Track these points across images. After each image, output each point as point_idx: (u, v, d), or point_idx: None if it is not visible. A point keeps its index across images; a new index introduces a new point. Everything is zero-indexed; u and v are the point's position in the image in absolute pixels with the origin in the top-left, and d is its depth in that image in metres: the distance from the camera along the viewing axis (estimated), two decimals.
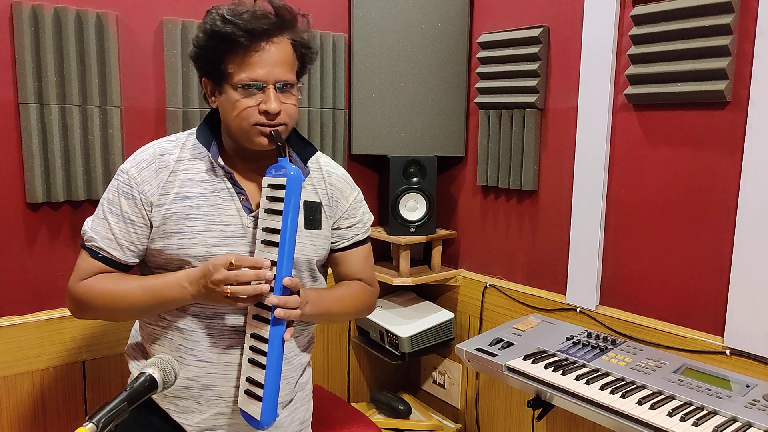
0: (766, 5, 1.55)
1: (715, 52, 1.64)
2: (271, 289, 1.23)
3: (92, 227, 1.31)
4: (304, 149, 1.42)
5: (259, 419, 1.25)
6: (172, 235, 1.29)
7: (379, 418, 2.45)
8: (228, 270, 1.19)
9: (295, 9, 1.30)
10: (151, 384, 1.01)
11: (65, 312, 1.82)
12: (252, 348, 1.28)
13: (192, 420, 1.36)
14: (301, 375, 1.49)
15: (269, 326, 1.24)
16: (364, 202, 1.54)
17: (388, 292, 2.60)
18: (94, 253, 1.31)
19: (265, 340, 1.25)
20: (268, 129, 1.26)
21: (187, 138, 1.37)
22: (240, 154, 1.36)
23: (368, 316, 2.41)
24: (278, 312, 1.21)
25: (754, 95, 1.59)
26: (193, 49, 1.29)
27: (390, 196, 2.34)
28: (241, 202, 1.33)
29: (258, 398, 1.25)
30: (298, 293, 1.26)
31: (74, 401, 1.88)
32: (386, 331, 2.35)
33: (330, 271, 1.56)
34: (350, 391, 2.61)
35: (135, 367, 1.42)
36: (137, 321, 1.46)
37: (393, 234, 2.37)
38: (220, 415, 1.36)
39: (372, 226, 1.57)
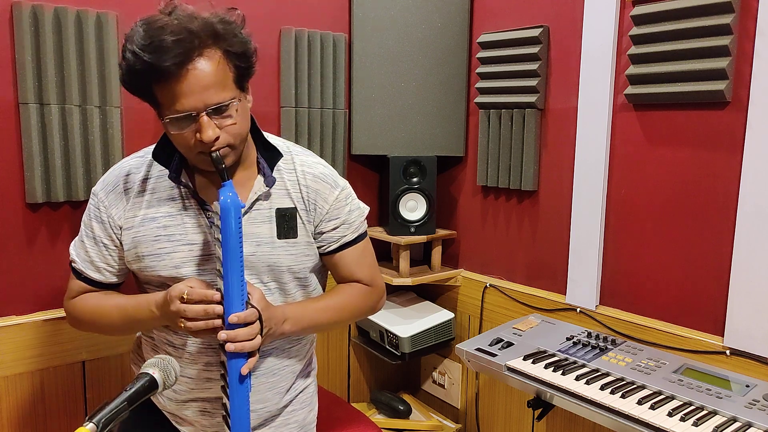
0: (766, 5, 1.55)
1: (715, 52, 1.64)
2: (224, 322, 1.16)
3: (74, 249, 1.34)
4: (270, 156, 1.32)
5: None
6: (143, 258, 1.28)
7: (379, 418, 2.45)
8: (182, 302, 1.15)
9: (220, 12, 1.16)
10: (151, 384, 1.01)
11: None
12: (222, 376, 1.24)
13: (187, 428, 1.39)
14: (294, 382, 1.45)
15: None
16: (352, 198, 1.42)
17: (388, 292, 2.57)
18: (78, 274, 1.34)
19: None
20: (208, 157, 1.17)
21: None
22: (200, 169, 1.29)
23: (368, 316, 2.42)
24: (228, 346, 1.14)
25: (754, 95, 1.59)
26: (120, 76, 1.17)
27: (390, 196, 2.34)
28: (207, 218, 1.28)
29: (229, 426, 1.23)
30: (260, 318, 1.19)
31: (74, 401, 1.88)
32: (386, 331, 2.35)
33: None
34: (350, 391, 2.61)
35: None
36: None
37: (393, 234, 2.37)
38: (207, 429, 1.37)
39: (372, 226, 1.52)
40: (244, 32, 1.19)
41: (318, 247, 1.39)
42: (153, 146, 1.31)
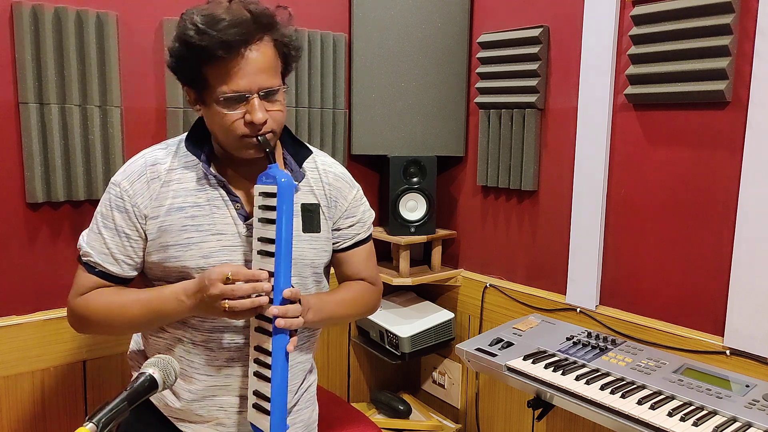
0: (766, 5, 1.55)
1: (715, 52, 1.64)
2: (271, 300, 1.20)
3: (87, 242, 1.29)
4: (298, 152, 1.38)
5: None
6: (168, 248, 1.26)
7: (379, 418, 2.45)
8: (224, 284, 1.16)
9: (271, 7, 1.23)
10: (151, 384, 1.01)
11: (65, 312, 1.81)
12: (256, 361, 1.26)
13: (192, 428, 1.37)
14: (304, 379, 1.47)
15: (271, 338, 1.22)
16: (365, 199, 1.50)
17: (388, 292, 2.60)
18: (91, 268, 1.29)
19: (268, 353, 1.23)
20: (254, 140, 1.21)
21: (178, 145, 1.33)
22: (231, 160, 1.32)
23: (369, 315, 2.42)
24: (279, 322, 1.18)
25: (754, 95, 1.59)
26: (170, 59, 1.22)
27: (390, 196, 2.34)
28: (236, 210, 1.29)
29: (266, 412, 1.24)
30: (299, 302, 1.23)
31: (74, 401, 1.88)
32: (386, 331, 2.35)
33: (332, 271, 1.54)
34: (350, 391, 2.61)
35: None
36: None
37: (393, 234, 2.37)
38: (220, 426, 1.36)
39: (372, 225, 1.55)
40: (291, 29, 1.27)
41: (333, 244, 1.44)
42: (175, 139, 1.35)
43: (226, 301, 1.16)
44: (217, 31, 1.12)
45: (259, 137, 1.21)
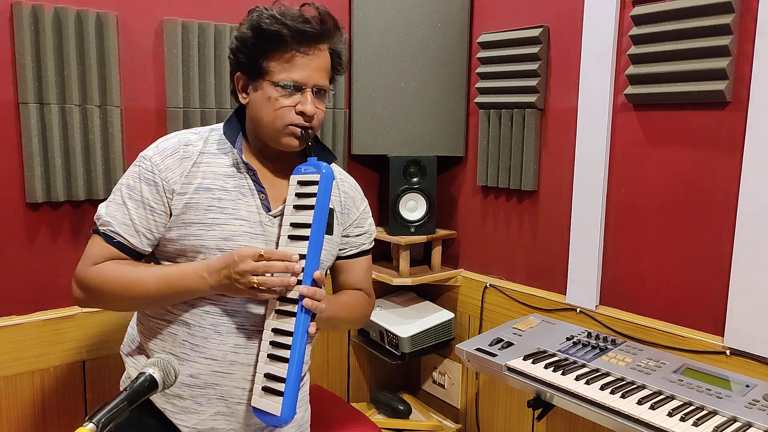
0: (766, 5, 1.55)
1: (715, 52, 1.65)
2: (299, 282, 1.24)
3: (108, 212, 1.29)
4: (323, 156, 1.41)
5: (279, 415, 1.25)
6: (190, 225, 1.29)
7: (379, 418, 2.45)
8: (256, 261, 1.20)
9: (337, 21, 1.34)
10: (151, 384, 1.01)
11: (65, 312, 1.83)
12: (273, 343, 1.28)
13: (190, 421, 1.35)
14: (304, 376, 1.49)
15: (294, 320, 1.25)
16: (371, 213, 1.56)
17: (388, 292, 2.60)
18: (109, 238, 1.28)
19: (286, 334, 1.26)
20: (299, 130, 1.29)
21: (210, 133, 1.38)
22: (263, 153, 1.38)
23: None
24: (306, 302, 1.22)
25: (754, 95, 1.59)
26: (236, 42, 1.30)
27: (390, 196, 2.34)
28: (260, 200, 1.34)
29: (277, 393, 1.25)
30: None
31: (74, 401, 1.88)
32: (386, 331, 2.35)
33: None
34: (350, 391, 2.61)
35: (132, 365, 1.41)
36: (134, 318, 1.45)
37: (393, 234, 2.37)
38: (219, 416, 1.35)
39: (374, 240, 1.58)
40: None
41: (339, 250, 1.48)
42: (206, 127, 1.40)
43: (256, 277, 1.20)
44: (292, 21, 1.25)
45: (303, 132, 1.29)
